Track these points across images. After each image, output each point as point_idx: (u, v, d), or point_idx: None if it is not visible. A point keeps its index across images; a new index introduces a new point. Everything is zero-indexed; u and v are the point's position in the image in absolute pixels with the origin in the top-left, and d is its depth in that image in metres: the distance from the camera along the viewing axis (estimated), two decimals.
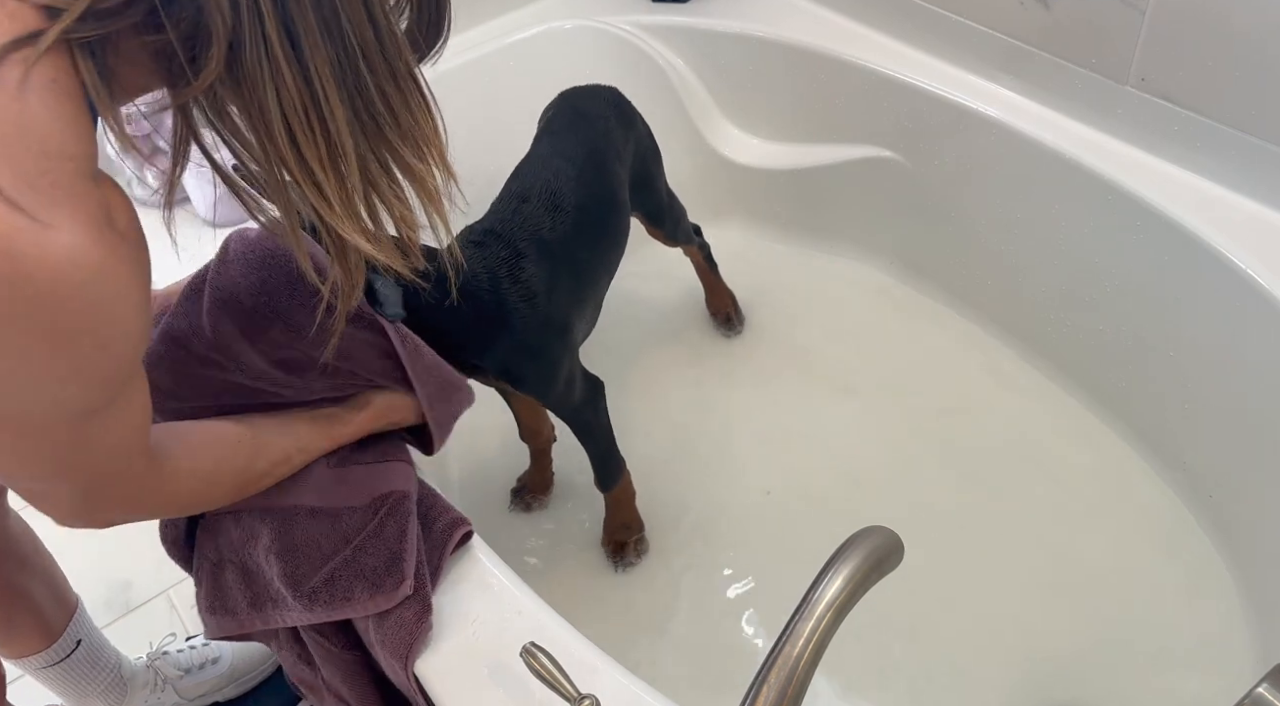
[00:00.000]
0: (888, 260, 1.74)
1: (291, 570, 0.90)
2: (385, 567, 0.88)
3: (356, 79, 0.62)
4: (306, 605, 0.89)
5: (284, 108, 0.60)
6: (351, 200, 0.65)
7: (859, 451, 1.50)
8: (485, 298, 1.09)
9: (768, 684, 0.61)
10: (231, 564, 0.94)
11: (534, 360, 1.15)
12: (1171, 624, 1.29)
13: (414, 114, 0.67)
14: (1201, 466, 1.36)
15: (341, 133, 0.62)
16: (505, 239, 1.13)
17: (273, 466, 0.89)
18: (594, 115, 1.33)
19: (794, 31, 1.62)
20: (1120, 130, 1.36)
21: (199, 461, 0.81)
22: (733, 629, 1.32)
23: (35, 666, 1.17)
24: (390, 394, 0.98)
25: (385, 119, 0.65)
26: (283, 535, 0.91)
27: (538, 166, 1.24)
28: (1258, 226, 1.24)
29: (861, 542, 0.65)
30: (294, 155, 0.62)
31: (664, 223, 1.47)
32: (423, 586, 0.89)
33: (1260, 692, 0.61)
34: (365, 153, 0.65)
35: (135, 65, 0.59)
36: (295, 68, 0.59)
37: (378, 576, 0.88)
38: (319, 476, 0.94)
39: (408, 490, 0.94)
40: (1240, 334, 1.23)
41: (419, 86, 0.67)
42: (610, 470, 1.31)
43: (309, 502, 0.93)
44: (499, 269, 1.10)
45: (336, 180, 0.64)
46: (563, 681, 0.74)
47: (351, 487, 0.94)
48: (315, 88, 0.60)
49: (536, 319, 1.12)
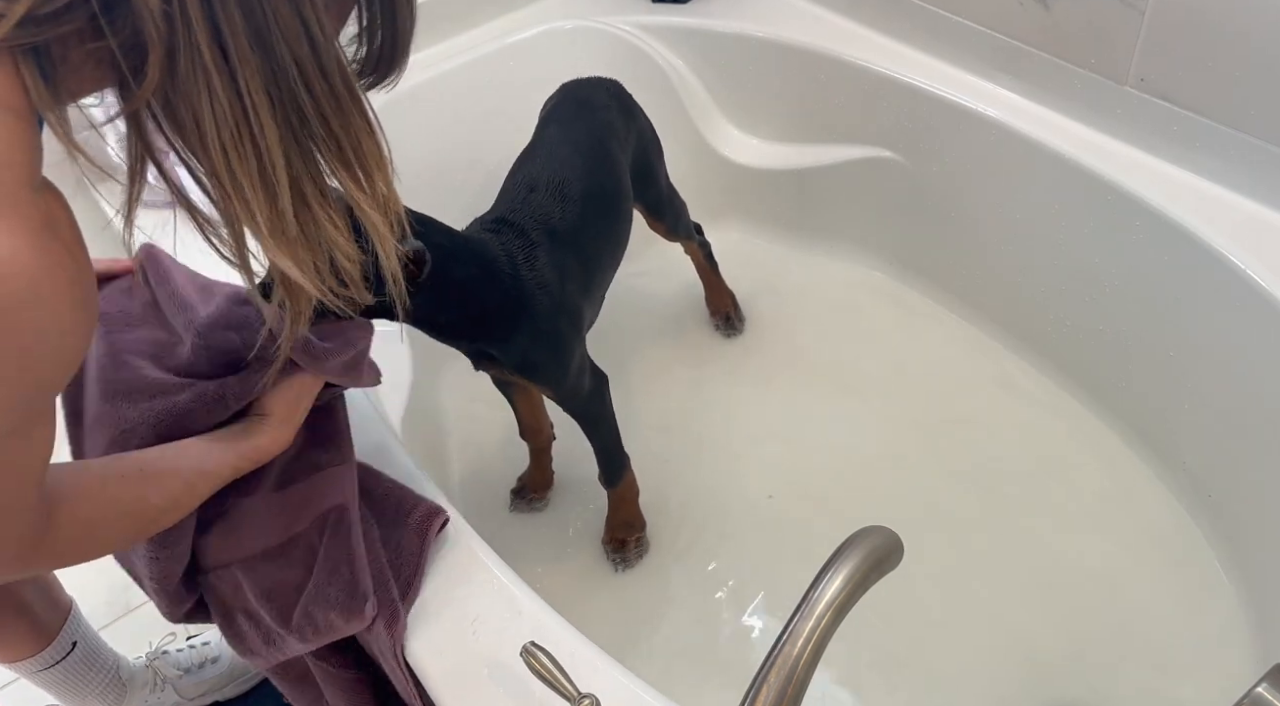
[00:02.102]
0: (887, 260, 1.74)
1: (276, 612, 0.91)
2: (348, 593, 0.88)
3: (292, 96, 0.59)
4: (299, 637, 0.90)
5: (217, 121, 0.58)
6: (282, 223, 0.63)
7: (858, 451, 1.50)
8: (506, 283, 1.07)
9: (767, 683, 0.61)
10: (239, 611, 0.94)
11: (549, 349, 1.14)
12: (1170, 624, 1.29)
13: (356, 137, 0.64)
14: (1200, 466, 1.36)
15: (273, 151, 0.60)
16: (518, 227, 1.12)
17: (171, 500, 0.82)
18: (597, 105, 1.33)
19: (794, 31, 1.62)
20: (1120, 130, 1.36)
21: (82, 506, 0.74)
22: (732, 628, 1.32)
23: (31, 669, 1.16)
24: (284, 386, 0.90)
25: (323, 140, 0.62)
26: (255, 583, 0.92)
27: (544, 156, 1.24)
28: (1258, 226, 1.24)
29: (861, 542, 0.65)
30: (226, 171, 0.60)
31: (665, 215, 1.47)
32: (387, 595, 0.89)
33: (1260, 692, 0.61)
34: (300, 175, 0.62)
35: (81, 72, 0.57)
36: (225, 78, 0.57)
37: (344, 602, 0.88)
38: (262, 509, 0.92)
39: (344, 502, 0.93)
40: (1239, 334, 1.23)
41: (362, 109, 0.64)
42: (616, 465, 1.31)
43: (260, 546, 0.92)
44: (516, 255, 1.10)
45: (267, 200, 0.61)
46: (563, 681, 0.74)
47: (293, 513, 0.93)
48: (245, 102, 0.58)
49: (552, 307, 1.12)
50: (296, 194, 0.62)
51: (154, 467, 0.82)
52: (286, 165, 0.61)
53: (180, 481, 0.83)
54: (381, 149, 0.67)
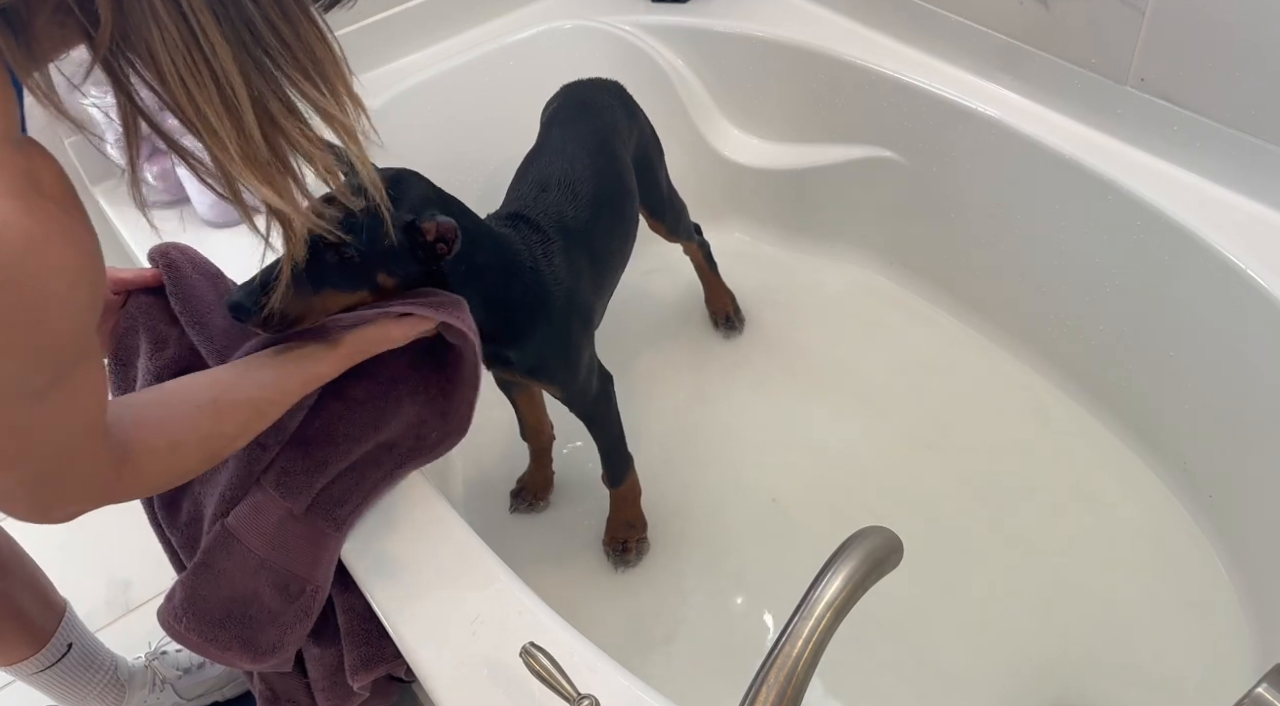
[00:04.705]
0: (886, 260, 1.74)
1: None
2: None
3: (238, 10, 0.58)
4: None
5: (170, 50, 0.57)
6: (251, 146, 0.62)
7: (858, 451, 1.50)
8: (527, 277, 1.07)
9: (767, 683, 0.61)
10: None
11: (562, 349, 1.14)
12: (1170, 623, 1.29)
13: (310, 47, 0.62)
14: (1200, 466, 1.36)
15: (229, 72, 0.59)
16: (534, 223, 1.12)
17: (243, 426, 0.84)
18: (600, 106, 1.33)
19: (794, 31, 1.62)
20: (1119, 130, 1.36)
21: (159, 438, 0.77)
22: (732, 629, 1.32)
23: (26, 672, 1.16)
24: (370, 327, 0.91)
25: (279, 53, 0.61)
26: None
27: (552, 155, 1.24)
28: (1258, 226, 1.24)
29: (861, 542, 0.65)
30: (190, 102, 0.59)
31: (665, 216, 1.47)
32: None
33: (1260, 692, 0.61)
34: (262, 92, 0.61)
35: (50, 29, 0.57)
36: (170, 3, 0.56)
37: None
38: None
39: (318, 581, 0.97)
40: (1239, 334, 1.23)
41: (310, 15, 0.62)
42: (620, 465, 1.31)
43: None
44: (535, 250, 1.10)
45: (233, 124, 0.60)
46: (562, 681, 0.74)
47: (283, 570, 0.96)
48: (192, 23, 0.57)
49: (567, 305, 1.12)
50: (261, 113, 0.62)
51: (226, 399, 0.83)
52: (246, 84, 0.60)
53: (251, 409, 0.84)
54: (336, 54, 0.65)
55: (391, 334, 0.91)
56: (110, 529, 1.57)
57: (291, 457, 0.94)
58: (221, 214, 1.31)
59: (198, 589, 0.93)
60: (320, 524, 0.94)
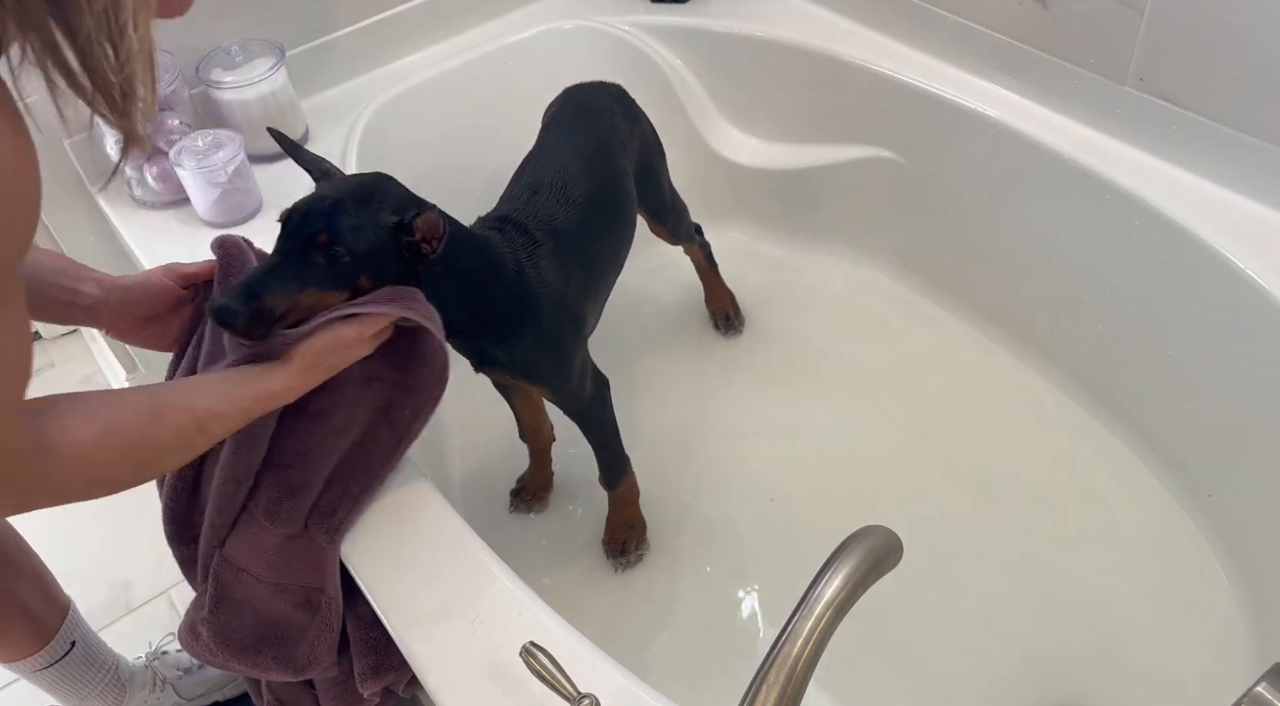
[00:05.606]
0: (886, 260, 1.74)
1: None
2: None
3: None
4: None
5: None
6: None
7: (858, 451, 1.50)
8: (510, 279, 1.07)
9: (767, 683, 0.61)
10: None
11: (551, 351, 1.14)
12: (1170, 623, 1.29)
13: None
14: (1199, 466, 1.36)
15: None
16: (521, 226, 1.12)
17: (180, 436, 0.78)
18: (600, 109, 1.33)
19: (794, 31, 1.62)
20: (1119, 130, 1.36)
21: (84, 429, 0.70)
22: (732, 628, 1.32)
23: (30, 669, 1.16)
24: (318, 334, 0.87)
25: None
26: None
27: (547, 159, 1.24)
28: (1258, 226, 1.24)
29: (860, 542, 0.66)
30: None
31: (667, 219, 1.47)
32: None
33: (1259, 692, 0.61)
34: None
35: None
36: None
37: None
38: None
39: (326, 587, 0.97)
40: (1238, 334, 1.23)
41: None
42: (616, 468, 1.31)
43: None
44: (520, 253, 1.10)
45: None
46: (562, 681, 0.74)
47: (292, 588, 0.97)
48: None
49: (555, 307, 1.12)
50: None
51: (164, 401, 0.78)
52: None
53: (191, 419, 0.79)
54: None
55: (343, 334, 0.87)
56: (111, 529, 1.57)
57: (274, 485, 0.95)
58: (221, 214, 1.31)
59: (222, 625, 0.95)
60: (318, 538, 0.95)
